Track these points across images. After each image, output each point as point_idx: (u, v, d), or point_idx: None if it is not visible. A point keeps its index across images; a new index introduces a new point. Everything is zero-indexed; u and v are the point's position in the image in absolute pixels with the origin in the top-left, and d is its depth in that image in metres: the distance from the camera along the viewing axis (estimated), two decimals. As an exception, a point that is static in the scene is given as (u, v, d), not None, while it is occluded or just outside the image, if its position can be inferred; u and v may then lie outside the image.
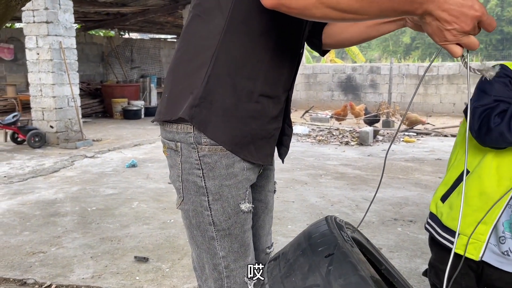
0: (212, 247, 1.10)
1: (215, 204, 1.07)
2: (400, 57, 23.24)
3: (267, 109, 1.09)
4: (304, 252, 1.04)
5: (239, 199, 1.08)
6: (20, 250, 2.96)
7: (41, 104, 7.00)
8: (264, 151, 1.12)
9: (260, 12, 1.01)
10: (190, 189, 1.09)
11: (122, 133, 8.46)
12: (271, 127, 1.12)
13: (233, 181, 1.07)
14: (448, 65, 11.89)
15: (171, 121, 1.08)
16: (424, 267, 2.71)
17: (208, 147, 1.05)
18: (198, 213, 1.09)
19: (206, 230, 1.09)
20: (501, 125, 1.18)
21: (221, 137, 1.04)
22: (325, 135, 8.15)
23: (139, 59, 14.01)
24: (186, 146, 1.07)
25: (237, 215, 1.08)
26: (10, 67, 10.39)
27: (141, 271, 2.64)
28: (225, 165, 1.06)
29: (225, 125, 1.04)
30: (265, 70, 1.06)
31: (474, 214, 1.29)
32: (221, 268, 1.11)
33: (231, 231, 1.09)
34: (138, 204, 3.97)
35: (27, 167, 5.52)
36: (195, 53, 1.06)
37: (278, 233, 3.22)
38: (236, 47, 1.03)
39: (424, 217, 3.62)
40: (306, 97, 13.58)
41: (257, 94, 1.06)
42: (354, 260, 0.92)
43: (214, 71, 1.03)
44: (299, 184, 4.66)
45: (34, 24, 6.75)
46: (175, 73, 1.10)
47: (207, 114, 1.03)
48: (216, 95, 1.03)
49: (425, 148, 7.00)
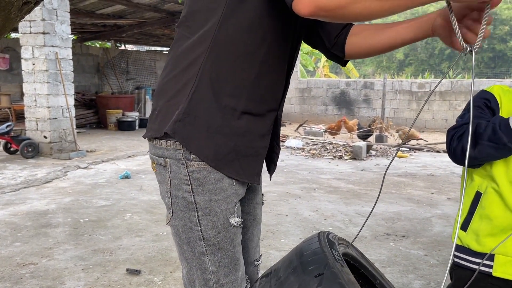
0: (202, 262, 1.10)
1: (205, 219, 1.08)
2: (393, 73, 23.52)
3: (252, 127, 1.10)
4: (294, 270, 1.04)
5: (229, 213, 1.09)
6: (11, 261, 2.93)
7: (35, 114, 6.99)
8: (250, 170, 1.13)
9: (247, 32, 1.04)
10: (179, 204, 1.09)
11: (116, 144, 8.44)
12: (258, 145, 1.13)
13: (222, 195, 1.08)
14: (441, 82, 12.04)
15: (160, 138, 1.09)
16: (416, 282, 2.72)
17: (197, 163, 1.06)
18: (187, 228, 1.09)
19: (196, 246, 1.10)
20: (457, 146, 1.28)
21: (204, 152, 1.05)
22: (319, 149, 8.18)
23: (134, 70, 14.06)
24: (175, 162, 1.07)
25: (227, 230, 1.09)
26: (5, 77, 10.38)
27: (133, 284, 2.62)
28: (214, 180, 1.07)
29: (208, 141, 1.05)
30: (249, 88, 1.07)
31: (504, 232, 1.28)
32: (211, 283, 1.11)
33: (221, 245, 1.09)
34: (131, 216, 3.95)
35: (20, 177, 5.48)
36: (181, 70, 1.08)
37: (271, 247, 3.22)
38: (221, 65, 1.05)
39: (417, 232, 3.65)
40: (300, 111, 13.66)
41: (240, 111, 1.07)
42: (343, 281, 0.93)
43: (198, 87, 1.04)
44: (293, 198, 4.67)
45: (30, 35, 6.77)
46: (163, 91, 1.12)
47: (190, 129, 1.05)
48: (199, 111, 1.04)
49: (418, 164, 7.04)
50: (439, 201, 4.69)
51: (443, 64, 25.92)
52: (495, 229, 1.29)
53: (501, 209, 1.29)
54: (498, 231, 1.29)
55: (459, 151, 1.29)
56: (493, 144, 1.21)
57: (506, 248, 1.28)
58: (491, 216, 1.30)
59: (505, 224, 1.29)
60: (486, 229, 1.32)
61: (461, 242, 1.38)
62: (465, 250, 1.37)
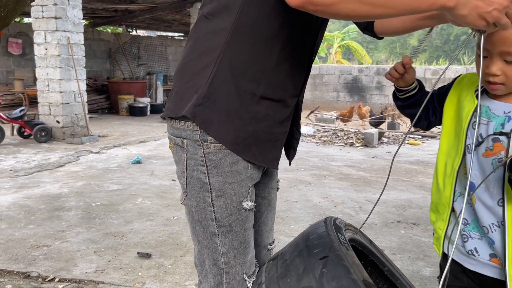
0: (213, 243, 1.12)
1: (218, 200, 1.09)
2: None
3: (271, 113, 1.10)
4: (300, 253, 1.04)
5: (242, 197, 1.10)
6: (25, 243, 2.99)
7: (48, 99, 7.05)
8: (269, 155, 1.13)
9: (269, 17, 1.03)
10: (194, 185, 1.11)
11: (127, 129, 8.49)
12: (277, 131, 1.13)
13: (237, 178, 1.09)
14: (455, 69, 11.84)
15: (177, 118, 1.10)
16: (426, 269, 2.71)
17: (213, 145, 1.07)
18: (201, 208, 1.11)
19: (208, 226, 1.11)
20: None
21: (223, 136, 1.06)
22: (330, 136, 8.14)
23: (146, 56, 14.06)
24: (192, 143, 1.08)
25: (239, 212, 1.10)
26: (18, 62, 10.46)
27: (143, 267, 2.65)
28: (229, 162, 1.07)
29: (227, 125, 1.06)
30: (270, 73, 1.07)
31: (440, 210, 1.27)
32: (221, 264, 1.12)
33: (232, 227, 1.10)
34: (142, 201, 3.99)
35: (33, 161, 5.56)
36: (201, 53, 1.08)
37: (281, 233, 3.23)
38: (241, 50, 1.04)
39: (428, 220, 3.61)
40: (311, 98, 13.57)
41: (259, 96, 1.07)
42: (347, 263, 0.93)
43: (218, 72, 1.05)
44: (303, 184, 4.67)
45: (42, 20, 6.79)
46: (182, 72, 1.13)
47: (210, 113, 1.05)
48: (219, 96, 1.05)
49: (430, 151, 6.97)
50: (451, 189, 4.64)
51: (458, 50, 25.47)
52: (432, 205, 1.31)
53: (434, 186, 1.29)
54: (433, 207, 1.30)
55: None
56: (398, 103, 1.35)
57: (437, 226, 1.28)
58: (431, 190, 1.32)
59: (435, 201, 1.28)
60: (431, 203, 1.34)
61: None
62: None
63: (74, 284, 2.44)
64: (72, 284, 2.44)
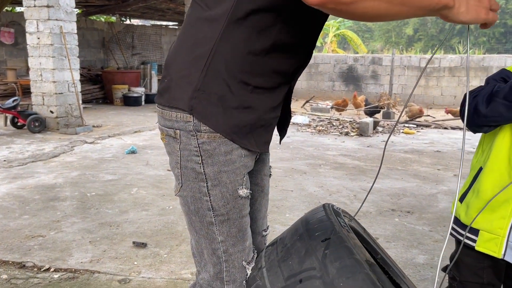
0: (210, 232, 1.12)
1: (214, 189, 1.09)
2: (402, 49, 23.13)
3: (265, 100, 1.11)
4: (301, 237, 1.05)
5: (237, 185, 1.10)
6: (19, 233, 2.98)
7: (41, 89, 6.99)
8: (262, 139, 1.14)
9: (265, 8, 1.02)
10: (188, 175, 1.10)
11: (122, 119, 8.45)
12: (269, 116, 1.14)
13: (231, 167, 1.09)
14: (450, 57, 11.84)
15: (170, 107, 1.10)
16: (420, 257, 2.73)
17: (207, 134, 1.07)
18: (196, 199, 1.11)
19: (205, 216, 1.11)
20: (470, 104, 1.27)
21: (221, 127, 1.06)
22: (325, 125, 8.14)
23: (140, 45, 13.94)
24: (185, 133, 1.08)
25: (235, 201, 1.10)
26: (10, 51, 10.34)
27: (139, 256, 2.66)
28: (223, 151, 1.08)
29: (225, 116, 1.06)
30: (264, 64, 1.07)
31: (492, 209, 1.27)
32: (219, 252, 1.13)
33: (229, 216, 1.11)
34: (137, 190, 3.98)
35: (27, 151, 5.53)
36: (195, 43, 1.07)
37: (276, 221, 3.24)
38: (236, 41, 1.04)
39: (422, 208, 3.65)
40: (307, 87, 13.54)
41: (253, 86, 1.07)
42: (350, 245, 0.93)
43: (213, 64, 1.04)
44: (298, 174, 4.68)
45: (34, 8, 6.70)
46: (175, 60, 1.11)
47: (206, 105, 1.05)
48: (214, 88, 1.05)
49: (425, 140, 7.00)
50: (446, 177, 4.67)
51: (454, 39, 25.44)
52: (483, 203, 1.28)
53: (491, 183, 1.28)
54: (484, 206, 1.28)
55: (471, 111, 1.27)
56: (507, 102, 1.19)
57: (492, 226, 1.27)
58: (480, 190, 1.30)
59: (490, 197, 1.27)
60: (475, 202, 1.32)
61: (455, 213, 1.40)
62: (456, 220, 1.40)
63: (70, 273, 2.44)
64: (68, 273, 2.44)
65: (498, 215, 1.26)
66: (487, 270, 1.31)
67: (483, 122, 1.27)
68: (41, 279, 2.37)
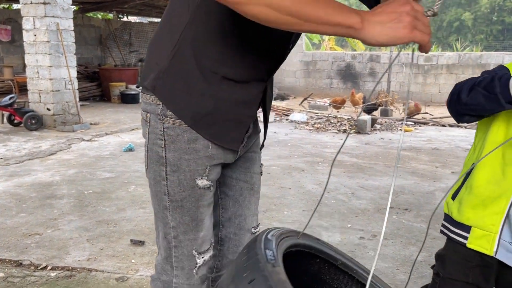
0: (164, 216, 1.16)
1: (172, 175, 1.12)
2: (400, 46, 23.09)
3: (235, 93, 1.11)
4: (233, 280, 1.03)
5: (197, 174, 1.12)
6: (16, 231, 2.97)
7: (38, 86, 6.95)
8: (230, 135, 1.14)
9: None
10: (153, 158, 1.14)
11: (119, 117, 8.43)
12: (241, 113, 1.14)
13: (193, 156, 1.11)
14: (448, 55, 11.85)
15: (143, 89, 1.15)
16: (416, 254, 2.73)
17: (172, 120, 1.10)
18: (157, 182, 1.15)
19: (162, 200, 1.15)
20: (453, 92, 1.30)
21: (182, 111, 1.09)
22: (323, 123, 8.14)
23: (137, 43, 13.88)
24: (154, 117, 1.12)
25: (192, 189, 1.13)
26: (7, 49, 10.29)
27: (137, 254, 2.65)
28: (186, 139, 1.10)
29: (187, 100, 1.08)
30: (231, 55, 1.08)
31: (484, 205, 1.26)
32: (170, 237, 1.17)
33: (183, 203, 1.14)
34: (134, 188, 3.97)
35: (24, 149, 5.50)
36: (169, 29, 1.11)
37: (274, 219, 3.24)
38: (202, 29, 1.06)
39: (420, 205, 3.65)
40: (304, 84, 13.53)
41: (221, 76, 1.08)
42: (272, 283, 0.92)
43: (181, 48, 1.07)
44: (296, 171, 4.67)
45: (31, 5, 6.66)
46: (152, 45, 1.17)
47: (170, 88, 1.09)
48: (180, 71, 1.08)
49: (423, 138, 7.01)
50: (443, 175, 4.68)
51: (451, 36, 25.46)
52: (476, 199, 1.28)
53: (484, 179, 1.27)
54: (478, 203, 1.28)
55: (454, 97, 1.29)
56: (486, 92, 1.18)
57: (484, 222, 1.27)
58: (473, 186, 1.30)
59: (485, 195, 1.26)
60: (468, 199, 1.31)
61: (447, 210, 1.39)
62: (447, 217, 1.39)
63: (67, 272, 2.43)
64: (65, 272, 2.43)
65: (491, 211, 1.25)
66: (474, 269, 1.28)
67: (463, 110, 1.28)
68: (38, 278, 2.36)
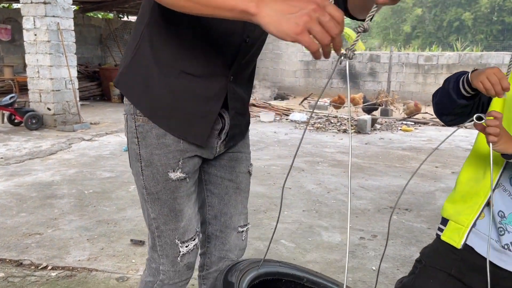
0: (146, 209, 1.25)
1: (146, 170, 1.19)
2: (400, 46, 23.11)
3: (194, 88, 1.15)
4: None
5: (169, 168, 1.17)
6: (17, 231, 2.97)
7: (38, 86, 6.95)
8: (193, 130, 1.18)
9: None
10: (132, 155, 1.22)
11: (119, 116, 8.42)
12: (202, 108, 1.17)
13: (164, 150, 1.17)
14: (448, 55, 11.84)
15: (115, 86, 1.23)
16: (418, 254, 2.73)
17: (141, 118, 1.16)
18: (137, 178, 1.23)
19: (142, 193, 1.23)
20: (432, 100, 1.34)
21: (141, 104, 1.16)
22: (323, 122, 8.14)
23: (137, 42, 13.87)
24: (129, 116, 1.19)
25: (166, 182, 1.18)
26: (7, 48, 10.29)
27: (137, 254, 2.65)
28: (155, 135, 1.16)
29: (146, 94, 1.15)
30: (188, 50, 1.12)
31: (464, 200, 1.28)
32: (153, 228, 1.25)
33: (159, 196, 1.20)
34: (135, 188, 3.97)
35: (24, 149, 5.50)
36: (136, 29, 1.19)
37: (275, 219, 3.24)
38: (158, 27, 1.12)
39: (420, 205, 3.66)
40: (305, 84, 13.53)
41: (179, 70, 1.13)
42: None
43: (141, 46, 1.14)
44: (296, 171, 4.67)
45: (31, 5, 6.66)
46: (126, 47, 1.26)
47: (131, 82, 1.17)
48: (139, 67, 1.15)
49: (423, 137, 7.01)
50: (444, 175, 4.68)
51: (451, 36, 25.46)
52: (457, 195, 1.31)
53: (466, 176, 1.30)
54: (458, 198, 1.31)
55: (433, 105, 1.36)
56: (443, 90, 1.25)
57: (460, 217, 1.29)
58: (457, 182, 1.34)
59: (464, 191, 1.29)
60: (451, 195, 1.36)
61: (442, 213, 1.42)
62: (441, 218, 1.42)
63: (67, 271, 2.43)
64: (65, 271, 2.43)
65: (467, 205, 1.27)
66: (458, 263, 1.28)
67: (438, 110, 1.34)
68: (39, 277, 2.36)
